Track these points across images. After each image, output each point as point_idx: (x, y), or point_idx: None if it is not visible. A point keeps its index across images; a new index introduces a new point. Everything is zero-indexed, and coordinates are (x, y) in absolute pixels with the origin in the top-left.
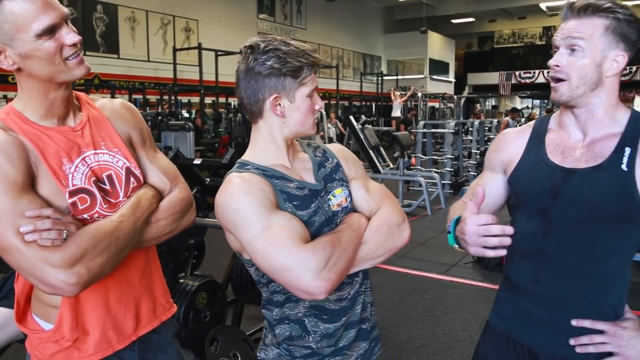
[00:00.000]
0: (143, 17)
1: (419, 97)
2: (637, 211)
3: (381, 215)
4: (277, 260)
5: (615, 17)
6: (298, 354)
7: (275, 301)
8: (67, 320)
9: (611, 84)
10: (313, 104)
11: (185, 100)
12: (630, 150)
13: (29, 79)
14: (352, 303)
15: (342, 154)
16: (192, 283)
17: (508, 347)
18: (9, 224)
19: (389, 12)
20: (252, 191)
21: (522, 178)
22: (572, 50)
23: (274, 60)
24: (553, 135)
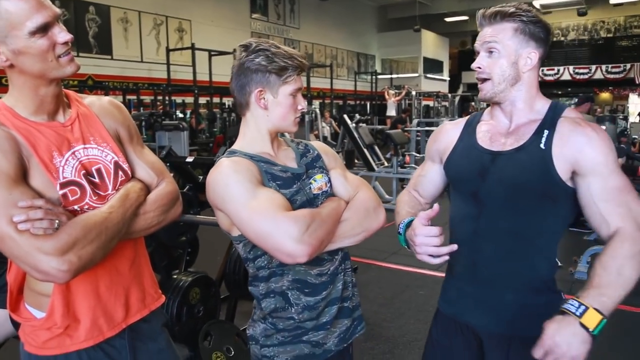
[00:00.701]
0: (136, 18)
1: (413, 96)
2: (555, 186)
3: (359, 198)
4: (262, 226)
5: (521, 20)
6: (282, 325)
7: (261, 277)
8: (58, 308)
9: (529, 78)
10: (295, 103)
11: (180, 101)
12: (548, 132)
13: (20, 75)
14: (332, 279)
15: (323, 148)
16: (185, 278)
17: (456, 331)
18: (2, 214)
19: (382, 10)
20: (240, 169)
21: (455, 163)
22: (490, 52)
23: (262, 58)
24: (484, 125)
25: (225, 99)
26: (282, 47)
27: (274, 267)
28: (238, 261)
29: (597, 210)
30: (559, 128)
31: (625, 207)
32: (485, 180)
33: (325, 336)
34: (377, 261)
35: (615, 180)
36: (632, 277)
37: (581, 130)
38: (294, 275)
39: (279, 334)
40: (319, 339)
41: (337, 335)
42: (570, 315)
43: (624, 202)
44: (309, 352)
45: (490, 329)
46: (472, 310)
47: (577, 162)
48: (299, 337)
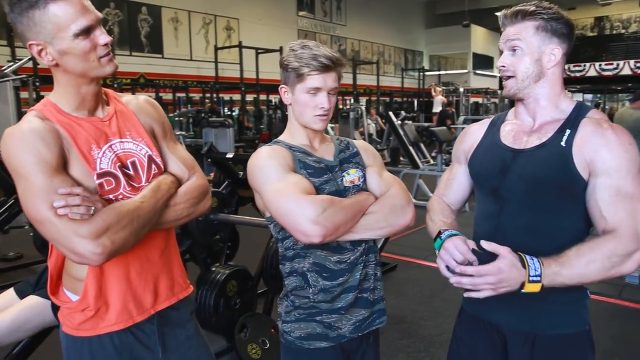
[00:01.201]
0: (186, 18)
1: (460, 92)
2: (575, 182)
3: (389, 194)
4: (284, 205)
5: (542, 17)
6: (298, 302)
7: (288, 256)
8: (91, 290)
9: (553, 75)
10: (314, 101)
11: (227, 98)
12: (570, 131)
13: (64, 74)
14: (351, 268)
15: (363, 146)
16: (223, 271)
17: (479, 328)
18: (44, 199)
19: (430, 6)
20: (275, 155)
21: (478, 160)
22: (513, 51)
23: (289, 57)
24: (509, 125)
25: (272, 96)
26: (313, 48)
27: (298, 248)
28: (275, 256)
29: (598, 210)
30: (581, 128)
31: (628, 213)
32: (505, 177)
33: (339, 320)
34: (418, 259)
35: (626, 186)
36: (596, 274)
37: (602, 132)
38: (314, 259)
39: (295, 311)
40: (332, 322)
41: (352, 323)
42: (525, 271)
43: (629, 209)
44: (321, 331)
45: (514, 327)
46: (496, 308)
47: (592, 162)
48: (312, 316)
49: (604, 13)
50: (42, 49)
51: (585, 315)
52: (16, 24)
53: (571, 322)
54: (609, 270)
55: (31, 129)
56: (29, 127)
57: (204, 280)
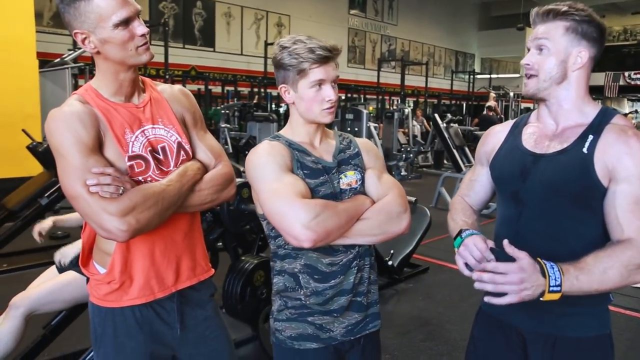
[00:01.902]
0: (238, 13)
1: (511, 97)
2: (594, 189)
3: (385, 200)
4: (278, 207)
5: (573, 18)
6: (290, 303)
7: (279, 254)
8: (117, 265)
9: (577, 78)
10: (320, 94)
11: (275, 93)
12: (593, 137)
13: (105, 61)
14: (343, 270)
15: (366, 146)
16: (251, 261)
17: (498, 329)
18: (78, 176)
19: (485, 7)
20: (273, 153)
21: (499, 162)
22: (540, 50)
23: (283, 56)
24: (531, 127)
25: None
26: (306, 41)
27: (289, 248)
28: None
29: (615, 216)
30: (604, 134)
31: None
32: (525, 181)
33: (331, 322)
34: (451, 263)
35: None
36: (613, 281)
37: (625, 139)
38: (306, 260)
39: (287, 311)
40: (324, 323)
41: (345, 326)
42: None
43: None
44: (312, 332)
45: (535, 328)
46: (516, 309)
47: (614, 169)
48: (304, 316)
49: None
50: (86, 37)
51: (606, 319)
52: (64, 14)
53: (593, 325)
54: (626, 279)
55: (72, 112)
56: (70, 109)
57: (232, 268)
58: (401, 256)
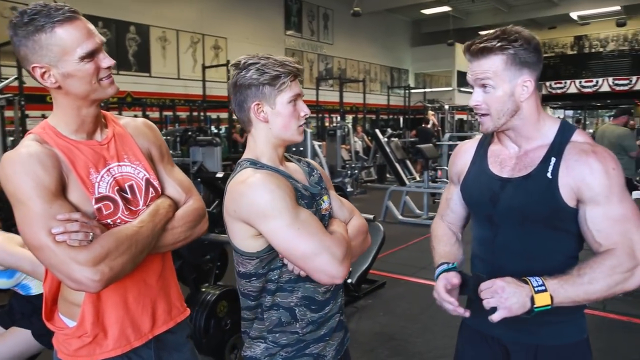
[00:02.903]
0: (174, 37)
1: (446, 110)
2: (563, 212)
3: (357, 224)
4: (308, 247)
5: (508, 51)
6: (285, 340)
7: (268, 289)
8: (88, 316)
9: (528, 106)
10: (296, 110)
11: (215, 117)
12: (555, 160)
13: (65, 96)
14: (334, 295)
15: (320, 168)
16: (213, 292)
17: (482, 342)
18: (42, 225)
19: (416, 25)
20: (282, 186)
21: (468, 187)
22: (484, 87)
23: (253, 72)
24: (495, 147)
25: None
26: (272, 57)
27: (282, 282)
28: None
29: (591, 236)
30: (565, 156)
31: (621, 235)
32: (496, 206)
33: (324, 348)
34: (406, 276)
35: (615, 210)
36: (600, 291)
37: (585, 159)
38: (303, 292)
39: (282, 351)
40: (319, 351)
41: (335, 348)
42: (529, 286)
43: (621, 230)
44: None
45: (516, 339)
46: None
47: (579, 190)
48: (302, 350)
49: (583, 32)
50: (46, 71)
51: (583, 325)
52: (20, 47)
53: (571, 332)
54: (613, 287)
55: (30, 153)
56: (27, 151)
57: (193, 301)
58: (358, 273)
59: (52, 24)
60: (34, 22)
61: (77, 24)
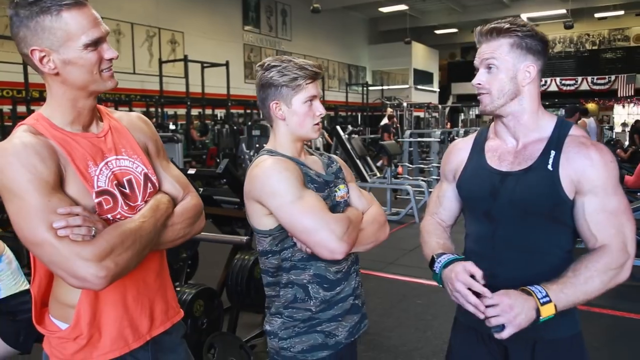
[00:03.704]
0: (128, 30)
1: (404, 107)
2: (564, 205)
3: (373, 212)
4: (310, 222)
5: (516, 35)
6: (299, 315)
7: (284, 267)
8: (85, 317)
9: (529, 92)
10: (312, 109)
11: (172, 112)
12: (555, 152)
13: (62, 85)
14: (346, 276)
15: (342, 162)
16: (189, 291)
17: (477, 340)
18: (41, 220)
19: (373, 23)
20: (290, 168)
21: (466, 183)
22: (488, 68)
23: (274, 73)
24: (492, 142)
25: (218, 110)
26: (294, 60)
27: (295, 260)
28: (240, 273)
29: (587, 228)
30: (565, 149)
31: (616, 228)
32: (496, 200)
33: (337, 328)
34: (376, 271)
35: (611, 202)
36: (597, 289)
37: (585, 152)
38: (315, 270)
39: (295, 326)
40: (331, 330)
41: (347, 329)
42: (533, 298)
43: (616, 224)
44: (322, 341)
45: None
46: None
47: (579, 182)
48: (313, 327)
49: None
50: (45, 55)
51: (577, 319)
52: (19, 28)
53: (567, 326)
54: (607, 284)
55: (25, 144)
56: (22, 141)
57: None
58: None
59: (59, 7)
60: (39, 3)
61: (84, 11)
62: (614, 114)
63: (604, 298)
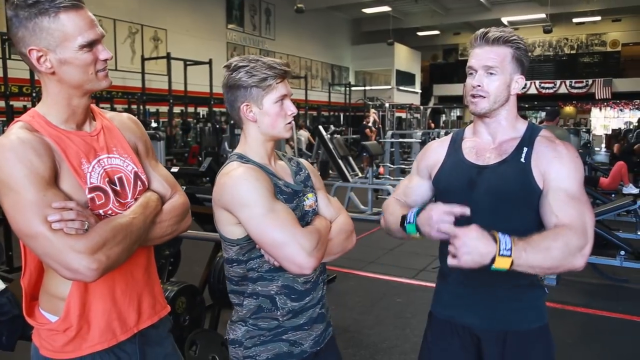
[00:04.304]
0: (110, 26)
1: (386, 108)
2: (534, 194)
3: (340, 221)
4: (279, 236)
5: (517, 46)
6: (264, 324)
7: (250, 277)
8: (74, 309)
9: (513, 100)
10: (283, 109)
11: (154, 110)
12: (527, 149)
13: (57, 84)
14: (314, 286)
15: (310, 168)
16: (171, 288)
17: (452, 333)
18: (36, 213)
19: (356, 24)
20: (261, 179)
21: (445, 176)
22: (490, 73)
23: (242, 74)
24: (469, 142)
25: (200, 108)
26: (262, 59)
27: (263, 271)
28: (222, 271)
29: (549, 207)
30: (536, 146)
31: (577, 211)
32: (473, 191)
33: (302, 337)
34: (355, 270)
35: (574, 190)
36: (555, 258)
37: (554, 147)
38: (283, 281)
39: (260, 334)
40: (297, 339)
41: (313, 338)
42: (495, 246)
43: (577, 207)
44: (287, 350)
45: (487, 327)
46: (468, 311)
47: (546, 172)
48: (279, 335)
49: None
50: (43, 55)
51: (544, 311)
52: (18, 28)
53: (535, 318)
54: (563, 260)
55: (22, 140)
56: (18, 137)
57: None
58: None
59: (57, 8)
60: (37, 4)
61: (81, 13)
62: (591, 117)
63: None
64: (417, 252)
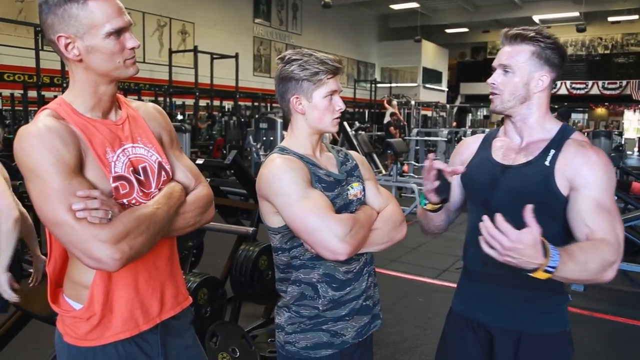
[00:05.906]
0: (140, 19)
1: (412, 105)
2: (555, 198)
3: (389, 210)
4: (312, 222)
5: (538, 44)
6: (306, 312)
7: (294, 265)
8: (98, 297)
9: (539, 99)
10: (332, 104)
11: (180, 102)
12: (555, 151)
13: (85, 71)
14: (357, 277)
15: (360, 159)
16: (194, 279)
17: (467, 328)
18: (61, 201)
19: (383, 20)
20: (295, 167)
21: (471, 173)
22: (505, 71)
23: (295, 67)
24: (499, 141)
25: (226, 102)
26: (315, 54)
27: (305, 259)
28: (244, 264)
29: (581, 220)
30: (564, 148)
31: (609, 224)
32: (494, 190)
33: (344, 328)
34: (377, 268)
35: (605, 200)
36: (591, 272)
37: (584, 152)
38: (324, 269)
39: (301, 322)
40: (338, 329)
41: (355, 330)
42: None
43: (609, 220)
44: (327, 340)
45: (501, 325)
46: (484, 307)
47: (574, 179)
48: (319, 325)
49: None
50: (71, 42)
51: (566, 317)
52: (48, 15)
53: (554, 323)
54: (597, 273)
55: (49, 128)
56: (45, 125)
57: None
58: None
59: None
60: None
61: (109, 1)
62: (623, 120)
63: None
64: (440, 252)
